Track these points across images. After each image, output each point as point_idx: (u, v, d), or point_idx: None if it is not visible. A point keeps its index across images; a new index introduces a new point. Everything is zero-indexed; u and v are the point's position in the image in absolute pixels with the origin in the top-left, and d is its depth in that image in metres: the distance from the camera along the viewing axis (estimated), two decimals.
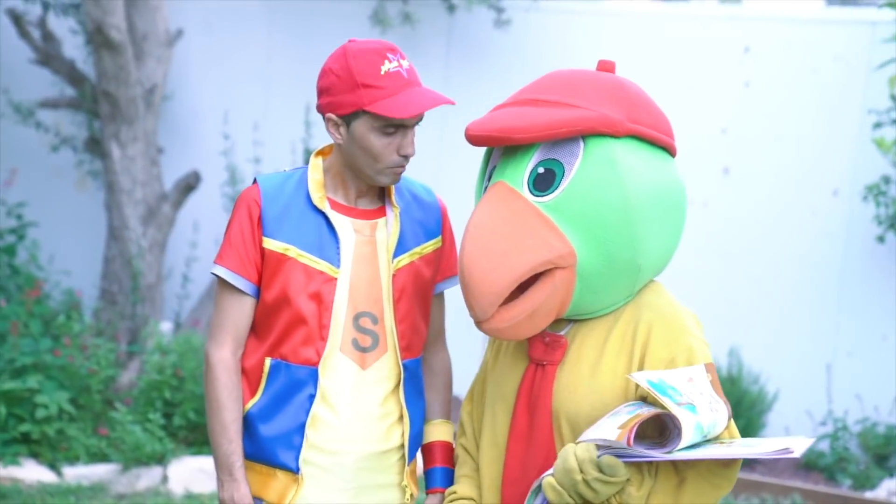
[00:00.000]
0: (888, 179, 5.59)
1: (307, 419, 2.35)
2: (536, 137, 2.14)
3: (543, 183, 2.16)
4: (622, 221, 2.13)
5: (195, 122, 7.03)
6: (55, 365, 5.39)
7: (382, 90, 2.25)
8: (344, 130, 2.32)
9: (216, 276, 2.39)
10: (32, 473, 5.11)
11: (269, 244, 2.35)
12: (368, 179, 2.36)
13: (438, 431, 2.49)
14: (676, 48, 6.19)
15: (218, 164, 6.73)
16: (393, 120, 2.27)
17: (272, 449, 2.37)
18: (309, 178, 2.39)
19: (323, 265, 2.35)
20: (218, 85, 7.02)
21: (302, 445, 2.36)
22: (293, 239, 2.35)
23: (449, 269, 2.50)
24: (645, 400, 2.11)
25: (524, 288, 2.15)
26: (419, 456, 2.52)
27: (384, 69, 2.26)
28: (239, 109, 6.86)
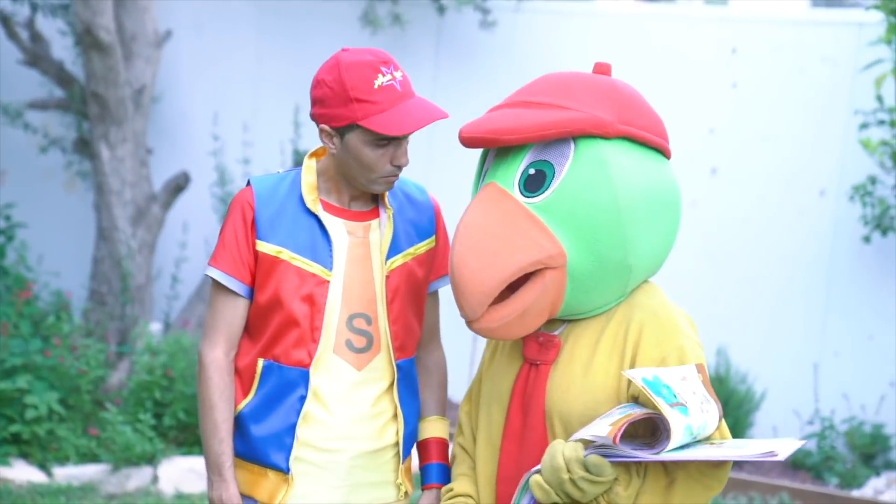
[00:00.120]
0: (874, 180, 5.63)
1: (298, 420, 2.37)
2: (526, 138, 2.16)
3: (534, 184, 2.18)
4: (612, 222, 2.15)
5: (184, 122, 7.04)
6: (45, 365, 5.39)
7: (376, 105, 2.26)
8: (338, 141, 2.33)
9: (210, 277, 2.41)
10: (22, 474, 5.11)
11: (262, 247, 2.37)
12: (362, 187, 2.38)
13: (434, 428, 2.52)
14: (664, 49, 6.22)
15: (207, 164, 6.73)
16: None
17: (263, 449, 2.39)
18: (302, 180, 2.41)
19: (316, 268, 2.37)
20: (207, 86, 7.02)
21: (293, 446, 2.38)
22: (286, 242, 2.37)
23: (443, 267, 2.52)
24: (637, 400, 2.13)
25: (515, 288, 2.17)
26: (414, 453, 2.54)
27: (378, 83, 2.27)
28: (228, 110, 6.86)
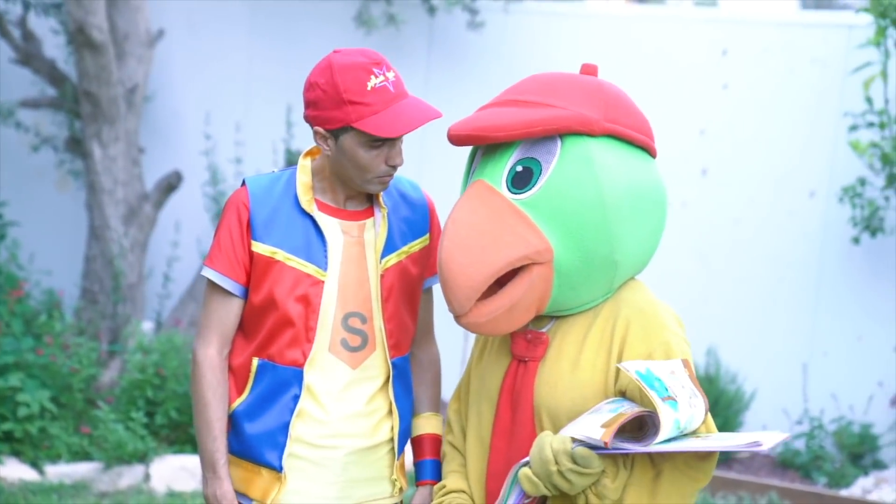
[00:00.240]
0: (864, 181, 5.66)
1: (292, 418, 2.39)
2: (513, 136, 2.19)
3: (521, 181, 2.21)
4: (598, 218, 2.18)
5: (176, 122, 7.05)
6: (37, 364, 5.40)
7: (369, 106, 2.27)
8: (332, 143, 2.34)
9: (206, 277, 2.42)
10: (14, 472, 5.11)
11: (257, 248, 2.38)
12: (357, 187, 2.40)
13: (428, 425, 2.54)
14: (654, 50, 6.24)
15: (199, 164, 6.74)
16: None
17: (257, 447, 2.41)
18: (297, 180, 2.42)
19: (310, 268, 2.38)
20: (199, 85, 7.03)
21: (286, 444, 2.40)
22: (281, 242, 2.38)
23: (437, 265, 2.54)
24: (624, 395, 2.16)
25: (503, 283, 2.20)
26: (408, 450, 2.56)
27: (370, 85, 2.27)
28: (220, 109, 6.87)
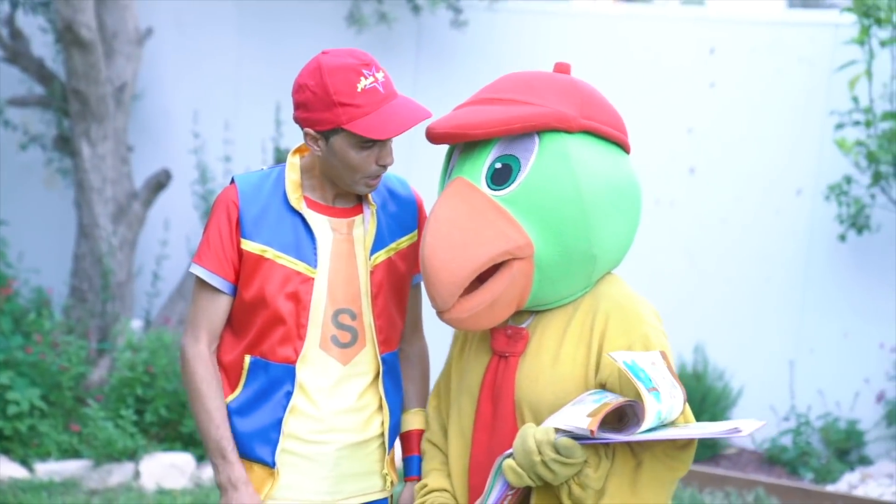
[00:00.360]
0: (850, 179, 5.69)
1: (284, 415, 2.40)
2: (492, 133, 2.23)
3: (500, 177, 2.24)
4: (576, 213, 2.22)
5: (165, 120, 7.05)
6: (26, 362, 5.40)
7: (360, 108, 2.28)
8: (322, 144, 2.34)
9: (194, 275, 2.43)
10: (4, 469, 5.12)
11: (246, 245, 2.39)
12: (346, 187, 2.41)
13: (416, 420, 2.55)
14: (642, 49, 6.27)
15: (188, 162, 6.74)
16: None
17: (249, 443, 2.42)
18: (286, 178, 2.42)
19: (300, 266, 2.39)
20: (188, 83, 7.03)
21: (279, 440, 2.41)
22: (270, 240, 2.39)
23: None
24: (604, 387, 2.20)
25: (484, 279, 2.23)
26: (398, 445, 2.58)
27: (360, 86, 2.28)
28: (209, 108, 6.87)
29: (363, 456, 2.48)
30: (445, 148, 2.40)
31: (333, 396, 2.43)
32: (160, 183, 6.44)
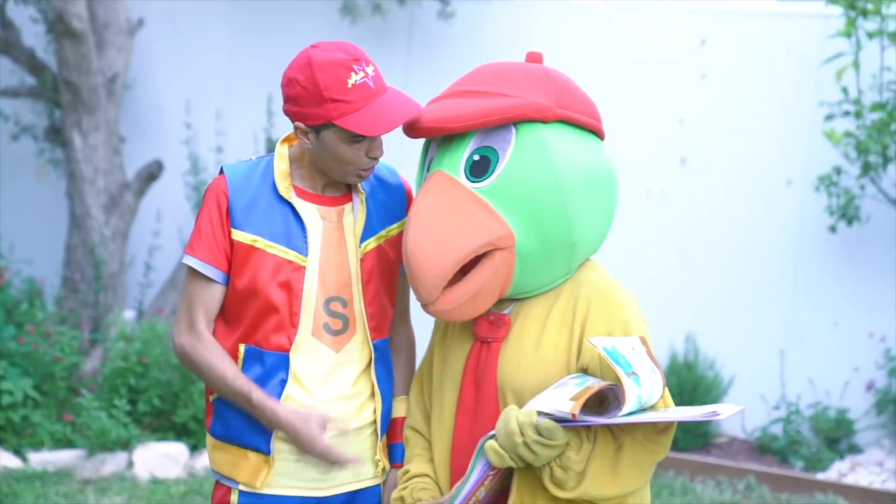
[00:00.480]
0: (839, 170, 5.71)
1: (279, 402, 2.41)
2: (470, 126, 2.25)
3: (479, 169, 2.27)
4: (555, 202, 2.25)
5: (157, 111, 7.04)
6: (19, 352, 5.41)
7: (350, 104, 2.27)
8: (313, 137, 2.35)
9: (187, 265, 2.43)
10: None
11: (237, 236, 2.40)
12: (337, 178, 2.42)
13: (402, 408, 2.56)
14: (633, 40, 6.28)
15: (180, 153, 6.74)
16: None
17: (244, 432, 2.44)
18: (275, 167, 2.43)
19: (291, 254, 2.40)
20: (180, 74, 7.03)
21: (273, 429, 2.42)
22: (261, 230, 2.39)
23: None
24: (586, 371, 2.23)
25: (467, 271, 2.26)
26: None
27: (351, 82, 2.27)
28: (201, 98, 6.87)
29: (357, 443, 2.48)
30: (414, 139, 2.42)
31: (327, 384, 2.44)
32: (152, 174, 6.44)
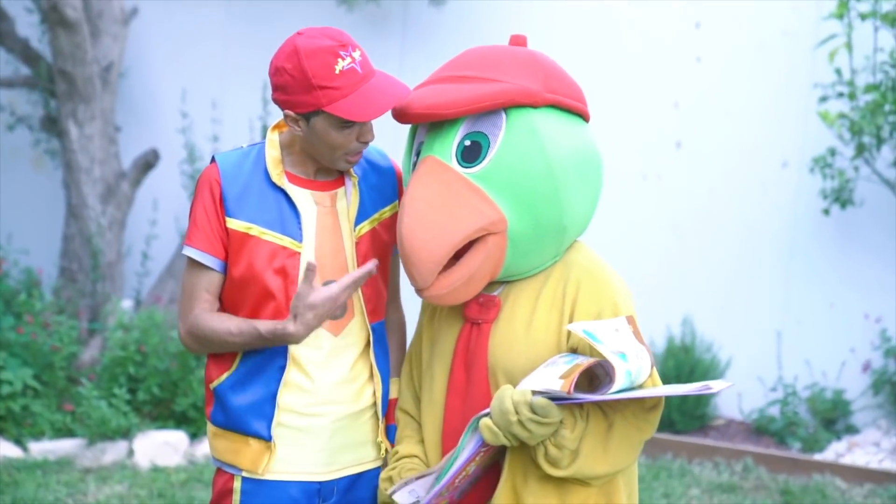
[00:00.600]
0: (834, 151, 5.72)
1: (278, 389, 2.43)
2: (462, 112, 2.25)
3: (471, 155, 2.28)
4: (547, 186, 2.26)
5: (152, 100, 7.04)
6: (18, 342, 5.42)
7: (339, 90, 2.28)
8: (303, 124, 2.35)
9: (187, 256, 2.44)
10: None
11: (232, 223, 2.41)
12: (328, 164, 2.43)
13: (395, 389, 2.58)
14: (628, 23, 6.28)
15: (176, 142, 6.74)
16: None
17: (245, 418, 2.45)
18: (266, 154, 2.44)
19: (286, 241, 2.41)
20: (175, 63, 7.02)
21: (274, 414, 2.43)
22: (255, 217, 2.40)
23: None
24: (576, 352, 2.26)
25: (459, 256, 2.28)
26: None
27: (338, 68, 2.27)
28: (197, 87, 6.87)
29: (358, 426, 2.51)
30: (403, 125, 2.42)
31: (326, 368, 2.45)
32: (148, 163, 6.44)
